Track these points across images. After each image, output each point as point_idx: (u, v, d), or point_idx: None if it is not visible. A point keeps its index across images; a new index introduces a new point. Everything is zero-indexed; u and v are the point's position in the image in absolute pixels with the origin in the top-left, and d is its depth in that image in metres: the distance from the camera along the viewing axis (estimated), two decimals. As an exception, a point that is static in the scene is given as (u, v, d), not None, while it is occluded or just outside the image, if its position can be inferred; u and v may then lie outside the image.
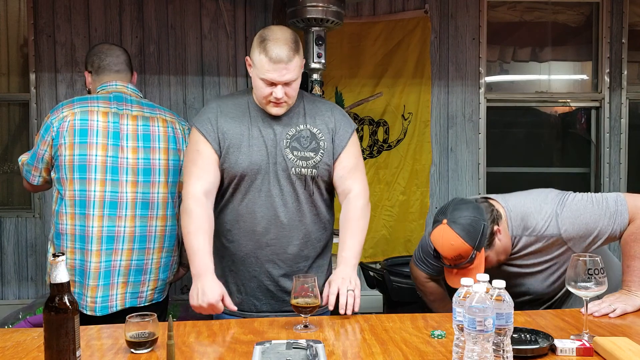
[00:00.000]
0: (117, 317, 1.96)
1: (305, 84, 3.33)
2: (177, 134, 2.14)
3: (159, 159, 2.08)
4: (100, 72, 2.15)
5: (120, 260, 2.02)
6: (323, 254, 1.95)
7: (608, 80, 4.16)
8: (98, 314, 2.00)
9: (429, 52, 4.04)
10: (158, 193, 2.07)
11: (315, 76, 3.20)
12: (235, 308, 1.73)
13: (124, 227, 2.02)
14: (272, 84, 1.74)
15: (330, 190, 1.94)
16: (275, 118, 1.83)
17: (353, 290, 1.73)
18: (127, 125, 2.06)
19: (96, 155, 2.00)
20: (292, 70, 1.73)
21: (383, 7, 4.03)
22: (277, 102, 1.78)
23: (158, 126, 2.10)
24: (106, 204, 2.00)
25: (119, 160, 2.03)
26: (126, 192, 2.02)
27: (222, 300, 1.69)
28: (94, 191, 2.00)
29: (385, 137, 4.07)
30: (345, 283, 1.74)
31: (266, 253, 1.84)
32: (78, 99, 2.09)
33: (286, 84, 1.74)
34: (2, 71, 3.98)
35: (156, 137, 2.09)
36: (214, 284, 1.70)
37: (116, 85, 2.13)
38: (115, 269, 2.01)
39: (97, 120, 2.02)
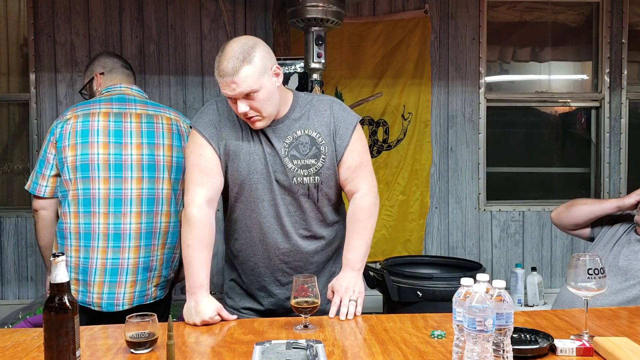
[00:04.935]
0: (124, 315, 1.96)
1: (305, 84, 3.33)
2: (181, 132, 2.15)
3: (163, 155, 2.09)
4: (113, 71, 2.19)
5: (128, 259, 2.02)
6: (335, 258, 1.92)
7: (608, 80, 4.16)
8: (104, 310, 2.01)
9: (429, 52, 4.04)
10: (162, 189, 2.08)
11: (315, 76, 3.20)
12: (234, 317, 1.70)
13: (130, 223, 2.02)
14: (233, 99, 1.66)
15: (339, 192, 1.88)
16: (272, 126, 1.76)
17: (355, 300, 1.73)
18: (130, 122, 2.07)
19: (98, 154, 2.02)
20: (243, 83, 1.60)
21: (383, 7, 4.03)
22: (249, 118, 1.69)
23: (162, 123, 2.11)
24: (111, 201, 2.01)
25: (123, 158, 2.04)
26: (131, 189, 2.03)
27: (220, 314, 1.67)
28: (98, 189, 2.00)
29: (385, 137, 4.07)
30: (348, 293, 1.73)
31: (275, 262, 1.82)
32: (82, 103, 2.13)
33: (247, 96, 1.64)
34: (2, 71, 3.98)
35: (160, 133, 2.10)
36: (208, 301, 1.66)
37: (120, 87, 2.16)
38: (123, 268, 2.02)
39: (98, 121, 2.04)
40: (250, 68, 1.61)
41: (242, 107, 1.65)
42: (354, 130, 1.81)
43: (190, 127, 1.83)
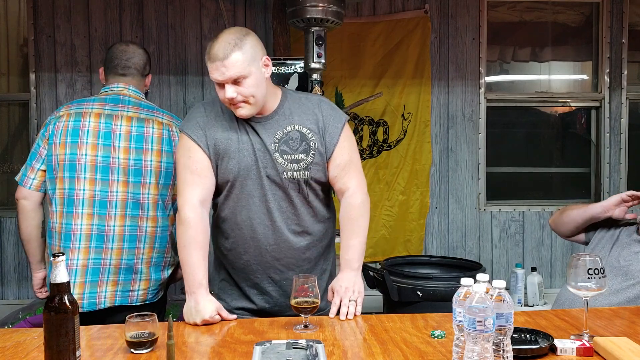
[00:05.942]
0: (108, 315, 1.97)
1: (305, 84, 3.33)
2: (173, 137, 2.13)
3: (151, 161, 2.08)
4: (108, 72, 2.19)
5: (110, 259, 2.02)
6: (326, 255, 1.92)
7: (608, 80, 4.16)
8: (85, 310, 2.00)
9: (429, 52, 4.04)
10: (148, 194, 2.07)
11: (315, 76, 3.20)
12: (233, 317, 1.70)
13: (114, 226, 2.02)
14: (222, 85, 1.68)
15: (328, 188, 1.89)
16: (262, 121, 1.77)
17: (355, 300, 1.73)
18: (120, 126, 2.06)
19: (86, 155, 2.02)
20: (232, 67, 1.64)
21: (383, 7, 4.03)
22: (234, 104, 1.70)
23: (153, 128, 2.10)
24: (96, 202, 2.01)
25: (111, 160, 2.04)
26: (116, 192, 2.03)
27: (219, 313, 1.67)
28: (83, 190, 2.01)
29: (385, 137, 4.07)
30: (348, 293, 1.73)
31: (267, 259, 1.82)
32: (77, 101, 2.13)
33: (235, 82, 1.66)
34: (2, 71, 3.98)
35: (149, 138, 2.09)
36: (208, 301, 1.66)
37: (117, 87, 2.15)
38: (105, 267, 2.02)
39: (89, 121, 2.05)
40: (241, 54, 1.65)
41: (230, 92, 1.66)
42: (343, 129, 1.83)
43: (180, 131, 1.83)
